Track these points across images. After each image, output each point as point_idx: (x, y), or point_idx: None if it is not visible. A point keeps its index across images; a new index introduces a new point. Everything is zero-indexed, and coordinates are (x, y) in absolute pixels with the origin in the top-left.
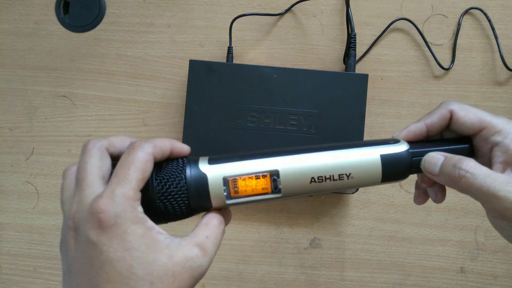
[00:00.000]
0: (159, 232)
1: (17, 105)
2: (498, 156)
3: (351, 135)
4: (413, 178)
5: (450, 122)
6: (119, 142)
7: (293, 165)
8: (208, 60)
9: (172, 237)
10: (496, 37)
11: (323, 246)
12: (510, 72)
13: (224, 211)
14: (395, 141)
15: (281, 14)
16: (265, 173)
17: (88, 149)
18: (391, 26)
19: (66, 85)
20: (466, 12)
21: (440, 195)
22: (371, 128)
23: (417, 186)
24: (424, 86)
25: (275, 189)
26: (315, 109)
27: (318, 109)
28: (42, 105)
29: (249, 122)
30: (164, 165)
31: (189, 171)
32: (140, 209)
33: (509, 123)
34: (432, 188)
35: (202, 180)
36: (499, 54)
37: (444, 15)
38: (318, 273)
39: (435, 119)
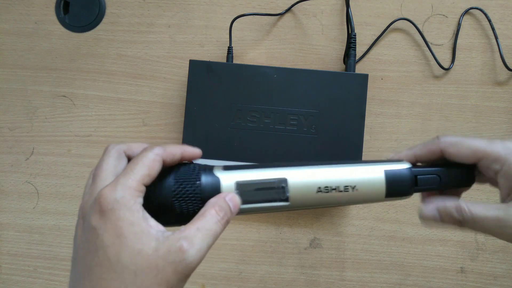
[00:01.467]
0: (153, 225)
1: (17, 105)
2: (502, 183)
3: (351, 135)
4: None
5: (445, 156)
6: (137, 147)
7: (301, 174)
8: (208, 60)
9: (165, 231)
10: (496, 37)
11: (323, 246)
12: (510, 72)
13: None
14: (398, 160)
15: (281, 14)
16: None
17: (107, 150)
18: (391, 26)
19: (66, 85)
20: (466, 12)
21: None
22: (371, 128)
23: None
24: (424, 86)
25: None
26: (315, 109)
27: (318, 109)
28: (42, 105)
29: (249, 122)
30: (181, 168)
31: (204, 175)
32: (139, 200)
33: (505, 147)
34: None
35: (216, 184)
36: (499, 54)
37: (444, 15)
38: (318, 273)
39: (424, 152)
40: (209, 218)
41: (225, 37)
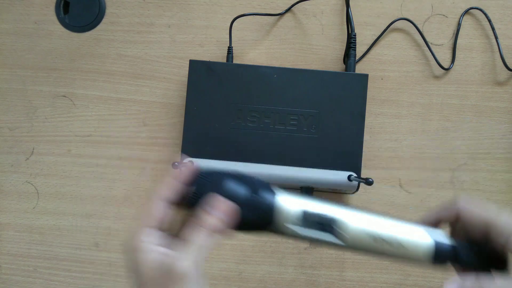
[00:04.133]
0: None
1: (17, 105)
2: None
3: (351, 135)
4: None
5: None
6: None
7: (361, 219)
8: (208, 60)
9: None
10: (496, 37)
11: None
12: (510, 72)
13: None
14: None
15: (281, 14)
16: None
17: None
18: (391, 26)
19: (66, 85)
20: (466, 12)
21: None
22: (371, 128)
23: None
24: (424, 86)
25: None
26: (315, 109)
27: (318, 109)
28: (42, 105)
29: (249, 122)
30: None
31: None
32: (150, 239)
33: (510, 218)
34: None
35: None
36: (499, 54)
37: (444, 15)
38: (318, 273)
39: (445, 214)
40: (197, 234)
41: (225, 37)
